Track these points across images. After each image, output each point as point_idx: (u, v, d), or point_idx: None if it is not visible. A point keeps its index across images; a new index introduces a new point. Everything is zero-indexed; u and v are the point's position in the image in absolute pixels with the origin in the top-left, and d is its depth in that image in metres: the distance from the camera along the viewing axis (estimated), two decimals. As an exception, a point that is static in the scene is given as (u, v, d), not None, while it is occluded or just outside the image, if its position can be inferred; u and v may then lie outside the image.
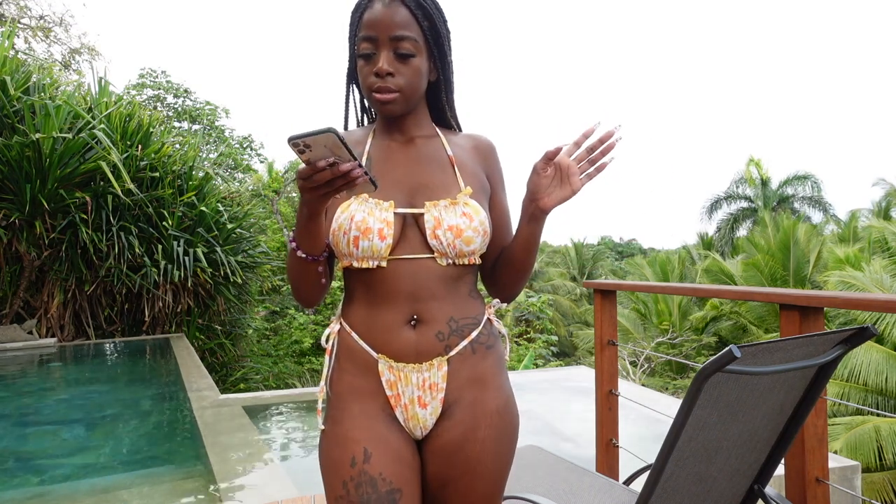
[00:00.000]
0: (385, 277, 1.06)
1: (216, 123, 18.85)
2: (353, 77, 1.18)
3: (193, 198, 8.43)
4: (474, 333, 1.10)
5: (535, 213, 1.07)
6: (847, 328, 1.18)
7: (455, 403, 1.09)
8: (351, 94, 1.20)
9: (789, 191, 25.18)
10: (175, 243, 7.88)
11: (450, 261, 1.08)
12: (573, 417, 4.32)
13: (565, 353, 22.92)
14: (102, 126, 7.44)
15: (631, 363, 15.64)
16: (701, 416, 1.09)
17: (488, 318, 1.16)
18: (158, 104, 17.93)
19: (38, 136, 6.74)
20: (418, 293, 1.06)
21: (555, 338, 18.26)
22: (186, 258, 7.83)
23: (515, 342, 16.45)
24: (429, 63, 1.12)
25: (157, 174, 8.08)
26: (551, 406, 4.75)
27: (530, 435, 3.90)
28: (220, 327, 8.81)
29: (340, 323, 1.13)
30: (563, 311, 26.25)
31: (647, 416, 3.96)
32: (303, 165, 0.88)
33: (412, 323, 1.07)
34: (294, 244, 1.04)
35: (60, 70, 12.69)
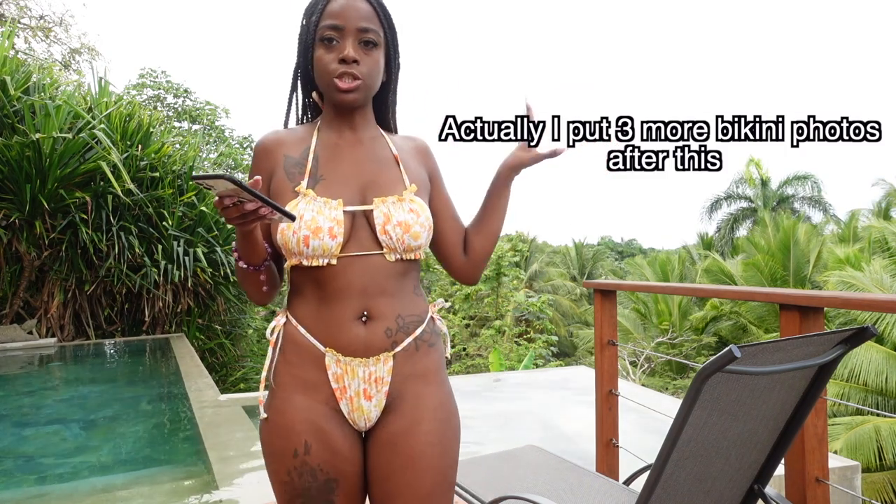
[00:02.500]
0: (336, 274, 1.08)
1: (216, 123, 18.86)
2: (299, 73, 1.20)
3: (193, 198, 8.43)
4: (418, 331, 1.14)
5: (501, 172, 1.19)
6: (847, 328, 1.18)
7: (399, 397, 1.12)
8: (296, 91, 1.22)
9: (789, 191, 25.20)
10: (175, 243, 7.87)
11: (398, 256, 1.11)
12: (573, 417, 4.32)
13: (565, 353, 22.93)
14: (102, 126, 7.44)
15: (631, 363, 15.66)
16: (701, 416, 1.09)
17: (431, 317, 1.19)
18: (158, 104, 17.93)
19: (38, 136, 6.74)
20: (369, 289, 1.09)
21: (555, 338, 18.24)
22: (186, 258, 7.83)
23: (515, 342, 16.43)
24: (383, 61, 1.16)
25: (157, 174, 8.08)
26: (551, 406, 4.75)
27: (530, 435, 3.90)
28: (220, 327, 8.81)
29: (287, 317, 1.14)
30: (563, 311, 26.25)
31: (647, 416, 3.96)
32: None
33: (363, 319, 1.09)
34: (236, 255, 1.09)
35: (60, 70, 12.68)
